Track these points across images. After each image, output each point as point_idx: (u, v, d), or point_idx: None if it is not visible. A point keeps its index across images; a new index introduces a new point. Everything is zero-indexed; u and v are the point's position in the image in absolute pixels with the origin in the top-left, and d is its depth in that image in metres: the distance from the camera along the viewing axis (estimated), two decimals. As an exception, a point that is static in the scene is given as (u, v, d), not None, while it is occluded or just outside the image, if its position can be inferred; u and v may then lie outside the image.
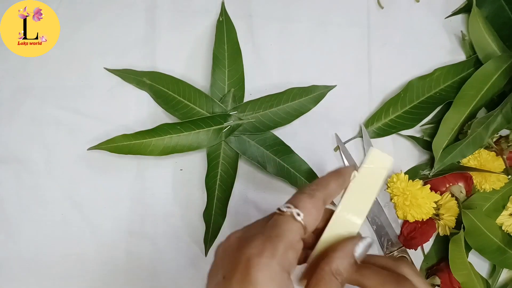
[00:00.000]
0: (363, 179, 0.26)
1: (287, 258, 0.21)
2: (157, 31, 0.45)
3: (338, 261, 0.23)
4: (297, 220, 0.23)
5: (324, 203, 0.24)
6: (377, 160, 0.26)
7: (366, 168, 0.26)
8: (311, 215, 0.23)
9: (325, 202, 0.24)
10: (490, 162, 0.44)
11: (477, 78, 0.44)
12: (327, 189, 0.24)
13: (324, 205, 0.24)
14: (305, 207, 0.23)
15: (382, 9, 0.48)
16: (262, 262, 0.21)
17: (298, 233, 0.22)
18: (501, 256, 0.43)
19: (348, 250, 0.24)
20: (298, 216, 0.23)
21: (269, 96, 0.44)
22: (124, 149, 0.41)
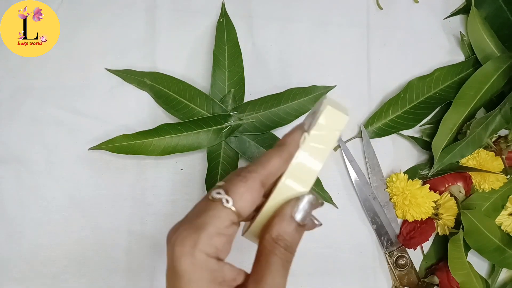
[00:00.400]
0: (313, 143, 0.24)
1: (212, 245, 0.21)
2: (157, 31, 0.45)
3: (276, 226, 0.23)
4: (226, 207, 0.22)
5: (263, 184, 0.23)
6: (331, 119, 0.23)
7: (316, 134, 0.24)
8: (245, 200, 0.22)
9: (265, 182, 0.23)
10: (489, 162, 0.45)
11: (476, 79, 0.44)
12: (267, 168, 0.23)
13: (263, 186, 0.23)
14: (237, 192, 0.22)
15: (381, 9, 0.48)
16: (184, 251, 0.21)
17: (227, 219, 0.22)
18: (500, 256, 0.43)
19: (285, 213, 0.23)
20: (227, 203, 0.22)
21: (269, 97, 0.44)
22: (124, 149, 0.41)
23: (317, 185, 0.44)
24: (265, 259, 0.23)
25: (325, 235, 0.46)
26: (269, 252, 0.23)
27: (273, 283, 0.22)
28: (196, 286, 0.21)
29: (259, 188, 0.23)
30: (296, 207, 0.24)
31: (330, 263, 0.46)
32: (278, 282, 0.22)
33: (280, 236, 0.23)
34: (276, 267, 0.22)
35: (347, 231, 0.46)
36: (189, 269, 0.21)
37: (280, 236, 0.23)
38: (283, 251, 0.23)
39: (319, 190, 0.44)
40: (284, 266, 0.23)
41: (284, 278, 0.23)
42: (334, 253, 0.46)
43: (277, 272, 0.22)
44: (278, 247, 0.23)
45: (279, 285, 0.22)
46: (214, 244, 0.22)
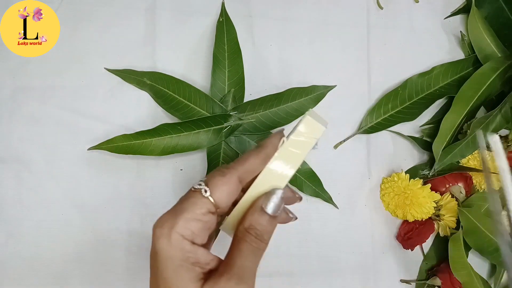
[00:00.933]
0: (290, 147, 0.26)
1: (188, 228, 0.24)
2: (157, 31, 0.45)
3: (249, 217, 0.25)
4: (204, 196, 0.24)
5: (240, 180, 0.26)
6: (310, 128, 0.26)
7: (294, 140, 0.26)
8: (221, 191, 0.25)
9: (242, 178, 0.26)
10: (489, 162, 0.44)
11: (475, 80, 0.44)
12: (244, 166, 0.26)
13: (240, 181, 0.26)
14: (215, 184, 0.25)
15: (381, 9, 0.48)
16: (163, 232, 0.24)
17: (204, 207, 0.24)
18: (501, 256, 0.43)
19: (256, 205, 0.26)
20: (205, 193, 0.25)
21: (269, 96, 0.44)
22: (124, 149, 0.41)
23: (317, 186, 0.44)
24: (236, 246, 0.25)
25: (325, 235, 0.46)
26: (240, 239, 0.25)
27: (242, 266, 0.24)
28: (170, 263, 0.23)
29: (236, 182, 0.25)
30: (268, 200, 0.26)
31: (330, 263, 0.46)
32: (247, 265, 0.24)
33: (252, 226, 0.25)
34: (246, 252, 0.25)
35: (347, 231, 0.46)
36: (165, 247, 0.24)
37: (252, 226, 0.25)
38: (253, 239, 0.25)
39: (320, 191, 0.44)
40: (254, 252, 0.25)
41: (253, 263, 0.25)
42: (334, 253, 0.46)
43: (247, 257, 0.25)
44: (249, 235, 0.25)
45: (248, 268, 0.25)
46: (190, 228, 0.24)
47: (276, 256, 0.45)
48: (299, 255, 0.45)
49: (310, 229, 0.46)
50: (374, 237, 0.46)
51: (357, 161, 0.47)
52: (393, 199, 0.44)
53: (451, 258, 0.43)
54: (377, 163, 0.47)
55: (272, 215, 0.26)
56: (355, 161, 0.47)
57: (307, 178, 0.44)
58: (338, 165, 0.46)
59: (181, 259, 0.24)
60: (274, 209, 0.26)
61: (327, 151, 0.46)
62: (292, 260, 0.45)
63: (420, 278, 0.46)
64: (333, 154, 0.46)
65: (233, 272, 0.24)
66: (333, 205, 0.45)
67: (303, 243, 0.46)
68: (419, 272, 0.47)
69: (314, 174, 0.44)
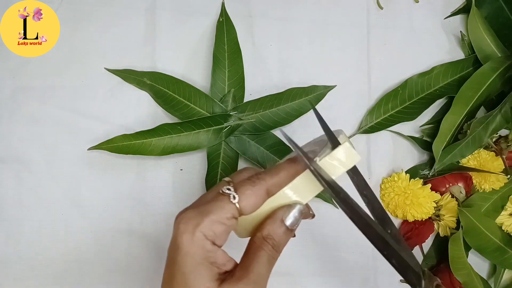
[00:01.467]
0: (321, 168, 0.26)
1: (211, 229, 0.25)
2: (157, 31, 0.45)
3: (268, 227, 0.26)
4: (231, 202, 0.25)
5: (267, 192, 0.26)
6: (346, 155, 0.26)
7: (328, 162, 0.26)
8: (249, 201, 0.26)
9: (270, 190, 0.26)
10: (489, 162, 0.45)
11: (475, 79, 0.44)
12: (274, 179, 0.26)
13: (267, 193, 0.26)
14: (244, 193, 0.26)
15: (381, 9, 0.48)
16: (187, 228, 0.25)
17: (229, 212, 0.25)
18: (502, 256, 0.43)
19: (277, 217, 0.26)
20: (233, 199, 0.25)
21: (269, 96, 0.44)
22: (124, 149, 0.41)
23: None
24: (254, 252, 0.26)
25: (325, 235, 0.46)
26: (258, 247, 0.26)
27: (258, 272, 0.25)
28: (190, 259, 0.24)
29: (263, 194, 0.26)
30: (288, 212, 0.27)
31: (331, 263, 0.46)
32: (262, 273, 0.26)
33: (270, 235, 0.26)
34: (263, 260, 0.26)
35: (347, 231, 0.46)
36: (188, 244, 0.24)
37: (270, 236, 0.26)
38: (270, 248, 0.26)
39: (319, 190, 0.44)
40: (270, 261, 0.26)
41: (268, 271, 0.26)
42: (334, 253, 0.46)
43: (263, 264, 0.26)
44: (267, 244, 0.26)
45: (263, 276, 0.26)
46: (214, 229, 0.25)
47: (276, 256, 0.45)
48: (299, 255, 0.45)
49: (310, 229, 0.46)
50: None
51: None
52: (393, 199, 0.44)
53: (451, 258, 0.43)
54: (377, 163, 0.47)
55: (290, 228, 0.27)
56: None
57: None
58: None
59: (201, 257, 0.25)
60: (293, 223, 0.27)
61: (327, 151, 0.46)
62: (292, 260, 0.45)
63: (420, 278, 0.46)
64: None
65: (250, 278, 0.25)
66: (333, 205, 0.45)
67: (303, 243, 0.46)
68: (419, 272, 0.47)
69: (314, 174, 0.44)
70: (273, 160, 0.43)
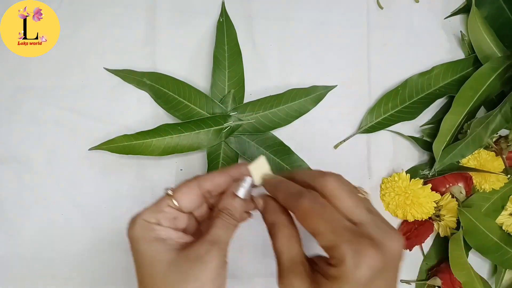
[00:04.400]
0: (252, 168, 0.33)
1: (152, 216, 0.29)
2: (157, 31, 0.45)
3: (223, 201, 0.31)
4: (168, 195, 0.30)
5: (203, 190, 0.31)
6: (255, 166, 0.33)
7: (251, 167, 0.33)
8: (182, 193, 0.30)
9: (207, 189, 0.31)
10: (489, 162, 0.45)
11: (475, 79, 0.44)
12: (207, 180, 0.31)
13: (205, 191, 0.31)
14: (179, 190, 0.31)
15: (381, 9, 0.48)
16: (132, 220, 0.29)
17: (165, 202, 0.30)
18: (502, 257, 0.43)
19: (229, 191, 0.31)
20: (170, 192, 0.30)
21: (269, 97, 0.44)
22: (124, 149, 0.41)
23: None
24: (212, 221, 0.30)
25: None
26: (215, 217, 0.30)
27: (215, 234, 0.29)
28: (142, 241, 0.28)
29: (195, 190, 0.31)
30: (237, 186, 0.31)
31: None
32: (219, 234, 0.29)
33: (225, 207, 0.30)
34: (219, 225, 0.29)
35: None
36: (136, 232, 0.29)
37: (225, 207, 0.30)
38: (226, 216, 0.30)
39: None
40: (227, 226, 0.30)
41: (226, 233, 0.30)
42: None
43: (220, 228, 0.29)
44: (223, 214, 0.30)
45: (219, 236, 0.29)
46: (155, 216, 0.29)
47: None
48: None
49: (310, 229, 0.46)
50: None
51: (357, 161, 0.47)
52: (394, 199, 0.44)
53: (451, 258, 0.43)
54: (377, 163, 0.47)
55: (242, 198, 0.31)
56: (355, 161, 0.47)
57: (307, 178, 0.44)
58: (338, 165, 0.46)
59: (152, 236, 0.28)
60: (245, 194, 0.31)
61: (327, 151, 0.46)
62: (292, 260, 0.45)
63: (420, 278, 0.46)
64: (333, 154, 0.46)
65: (206, 238, 0.29)
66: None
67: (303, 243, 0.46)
68: (419, 272, 0.47)
69: (314, 174, 0.44)
70: (272, 160, 0.43)
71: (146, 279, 0.28)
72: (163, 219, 0.30)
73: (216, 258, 0.28)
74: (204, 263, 0.27)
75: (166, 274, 0.27)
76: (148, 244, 0.28)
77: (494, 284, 0.46)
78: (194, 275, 0.27)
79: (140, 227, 0.29)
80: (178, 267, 0.27)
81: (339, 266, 0.24)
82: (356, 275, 0.24)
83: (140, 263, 0.29)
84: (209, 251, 0.28)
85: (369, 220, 0.26)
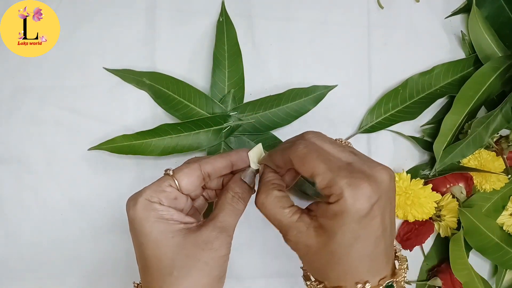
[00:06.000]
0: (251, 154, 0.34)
1: (154, 195, 0.29)
2: (157, 31, 0.45)
3: (231, 184, 0.32)
4: (169, 175, 0.30)
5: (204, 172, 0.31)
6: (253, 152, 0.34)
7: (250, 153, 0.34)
8: (183, 174, 0.30)
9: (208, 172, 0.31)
10: (490, 162, 0.44)
11: (475, 79, 0.44)
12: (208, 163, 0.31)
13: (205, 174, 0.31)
14: (180, 170, 0.31)
15: (382, 9, 0.48)
16: (132, 199, 0.29)
17: (167, 181, 0.30)
18: (503, 257, 0.43)
19: (236, 176, 0.32)
20: (170, 172, 0.31)
21: (269, 97, 0.44)
22: (124, 149, 0.41)
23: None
24: (221, 206, 0.31)
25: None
26: (225, 201, 0.31)
27: (225, 220, 0.30)
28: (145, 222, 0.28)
29: (196, 172, 0.31)
30: (244, 173, 0.33)
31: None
32: (228, 220, 0.30)
33: (231, 188, 0.31)
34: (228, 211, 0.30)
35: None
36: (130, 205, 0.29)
37: (231, 188, 0.31)
38: (236, 200, 0.31)
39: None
40: (235, 212, 0.31)
41: (234, 219, 0.30)
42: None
43: (229, 214, 0.30)
44: (229, 193, 0.31)
45: (229, 223, 0.30)
46: (156, 195, 0.29)
47: (276, 257, 0.45)
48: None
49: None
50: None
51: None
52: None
53: (451, 259, 0.43)
54: (377, 163, 0.47)
55: (249, 185, 0.32)
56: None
57: (307, 178, 0.44)
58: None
59: (155, 216, 0.28)
60: (249, 179, 0.32)
61: (328, 151, 0.46)
62: (292, 260, 0.45)
63: (421, 278, 0.46)
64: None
65: (215, 224, 0.29)
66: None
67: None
68: (420, 272, 0.47)
69: (314, 174, 0.44)
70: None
71: (151, 261, 0.28)
72: (165, 198, 0.29)
73: (225, 245, 0.29)
74: (213, 249, 0.28)
75: (174, 257, 0.28)
76: (152, 225, 0.28)
77: (494, 284, 0.46)
78: (204, 260, 0.28)
79: (142, 207, 0.28)
80: (186, 250, 0.28)
81: (339, 201, 0.26)
82: (356, 206, 0.26)
83: (145, 245, 0.28)
84: (218, 238, 0.28)
85: (356, 159, 0.28)
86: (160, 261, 0.28)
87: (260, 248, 0.45)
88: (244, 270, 0.45)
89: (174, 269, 0.27)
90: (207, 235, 0.28)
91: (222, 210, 0.30)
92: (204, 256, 0.28)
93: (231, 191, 0.31)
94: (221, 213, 0.30)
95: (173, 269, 0.27)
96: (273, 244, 0.45)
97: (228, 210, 0.30)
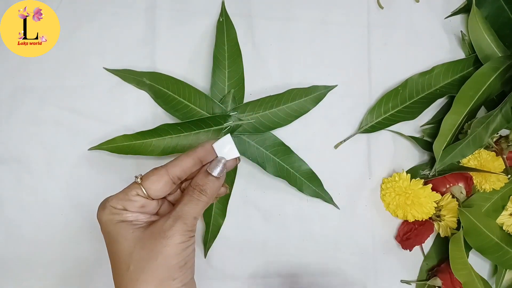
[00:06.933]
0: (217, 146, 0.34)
1: (119, 203, 0.30)
2: (157, 31, 0.45)
3: (195, 178, 0.32)
4: (136, 183, 0.31)
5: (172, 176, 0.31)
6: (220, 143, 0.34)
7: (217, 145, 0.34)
8: (151, 181, 0.31)
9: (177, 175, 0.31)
10: (490, 162, 0.44)
11: (475, 79, 0.44)
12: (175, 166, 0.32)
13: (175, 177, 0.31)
14: (147, 178, 0.31)
15: (382, 9, 0.48)
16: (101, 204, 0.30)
17: (134, 190, 0.30)
18: (503, 257, 0.43)
19: (203, 169, 0.33)
20: (138, 180, 0.31)
21: (269, 97, 0.43)
22: (124, 149, 0.41)
23: (317, 186, 0.44)
24: (181, 198, 0.31)
25: (325, 236, 0.46)
26: (185, 193, 0.32)
27: (181, 210, 0.30)
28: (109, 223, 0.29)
29: (164, 176, 0.31)
30: (211, 165, 0.33)
31: (331, 264, 0.46)
32: (186, 210, 0.30)
33: (197, 183, 0.32)
34: (186, 201, 0.31)
35: (347, 231, 0.46)
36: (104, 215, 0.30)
37: (196, 184, 0.32)
38: (197, 193, 0.31)
39: (320, 191, 0.44)
40: (195, 202, 0.31)
41: (194, 209, 0.31)
42: (335, 254, 0.46)
43: (187, 204, 0.31)
44: (193, 190, 0.31)
45: (186, 212, 0.30)
46: (121, 203, 0.30)
47: (276, 257, 0.45)
48: (299, 256, 0.45)
49: (310, 229, 0.46)
50: (375, 238, 0.46)
51: (358, 161, 0.47)
52: (394, 199, 0.44)
53: (451, 258, 0.43)
54: (377, 163, 0.47)
55: (216, 177, 0.32)
56: (355, 161, 0.47)
57: (307, 178, 0.44)
58: (338, 165, 0.46)
59: (119, 219, 0.29)
60: (219, 172, 0.32)
61: (327, 151, 0.46)
62: (292, 260, 0.45)
63: (421, 278, 0.46)
64: (333, 154, 0.46)
65: (171, 214, 0.30)
66: (334, 206, 0.45)
67: (303, 244, 0.46)
68: (420, 272, 0.47)
69: (314, 175, 0.44)
70: (272, 160, 0.43)
71: (114, 257, 0.29)
72: (130, 206, 0.30)
73: (179, 232, 0.29)
74: (166, 238, 0.28)
75: (131, 251, 0.28)
76: (115, 225, 0.29)
77: (494, 284, 0.46)
78: (157, 250, 0.28)
79: (108, 211, 0.30)
80: (143, 243, 0.29)
81: None
82: None
83: (108, 242, 0.30)
84: (172, 226, 0.29)
85: None
86: (119, 257, 0.29)
87: (260, 248, 0.45)
88: (243, 270, 0.45)
89: (131, 264, 0.28)
90: (161, 224, 0.29)
91: (181, 201, 0.31)
92: (157, 245, 0.28)
93: (192, 184, 0.32)
94: (179, 204, 0.31)
95: (130, 263, 0.28)
96: (274, 243, 0.45)
97: (186, 200, 0.31)
